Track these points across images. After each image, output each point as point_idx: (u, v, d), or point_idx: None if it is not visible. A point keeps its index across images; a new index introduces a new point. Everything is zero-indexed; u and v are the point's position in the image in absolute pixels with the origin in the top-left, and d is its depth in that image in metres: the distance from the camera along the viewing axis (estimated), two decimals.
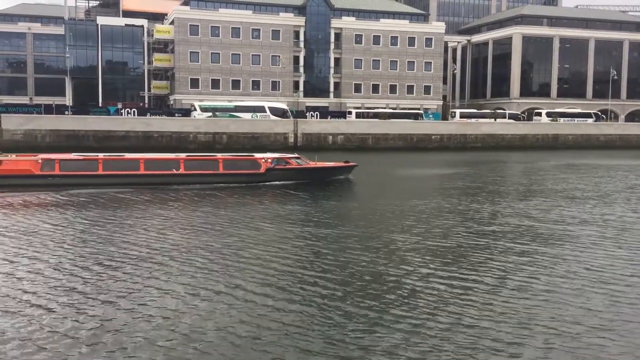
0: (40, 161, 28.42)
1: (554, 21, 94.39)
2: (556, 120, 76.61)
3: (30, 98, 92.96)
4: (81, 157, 29.87)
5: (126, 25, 79.76)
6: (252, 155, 32.37)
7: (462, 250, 15.61)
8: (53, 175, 28.00)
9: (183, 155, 31.80)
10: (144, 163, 29.41)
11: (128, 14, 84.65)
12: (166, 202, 24.21)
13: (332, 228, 18.65)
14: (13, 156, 29.55)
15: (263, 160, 30.84)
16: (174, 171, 29.49)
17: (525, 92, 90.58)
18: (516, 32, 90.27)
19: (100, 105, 72.41)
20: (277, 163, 30.88)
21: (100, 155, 30.73)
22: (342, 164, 32.92)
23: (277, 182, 30.16)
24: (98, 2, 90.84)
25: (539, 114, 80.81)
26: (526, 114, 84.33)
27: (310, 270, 13.32)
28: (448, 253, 15.25)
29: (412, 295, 11.52)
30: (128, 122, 58.00)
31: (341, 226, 19.03)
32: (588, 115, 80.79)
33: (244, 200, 25.30)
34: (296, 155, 32.49)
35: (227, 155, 32.87)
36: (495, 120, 73.98)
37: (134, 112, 63.14)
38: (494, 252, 15.28)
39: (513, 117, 78.06)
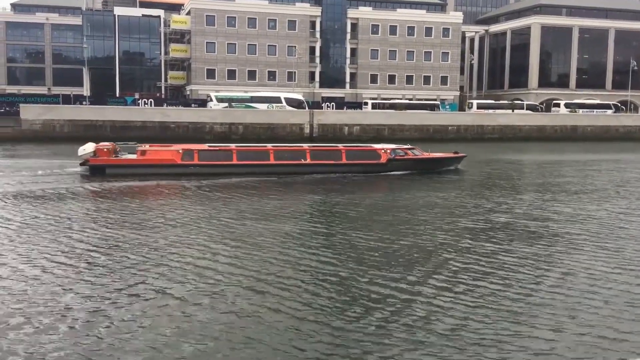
0: (180, 151, 29.73)
1: (573, 11, 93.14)
2: (575, 112, 75.76)
3: (49, 88, 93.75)
4: (217, 148, 31.59)
5: (143, 15, 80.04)
6: (371, 146, 33.88)
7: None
8: (193, 165, 29.39)
9: (306, 145, 33.47)
10: (274, 153, 30.62)
11: (145, 4, 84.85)
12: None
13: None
14: (146, 146, 30.79)
15: (382, 151, 31.91)
16: (302, 161, 30.53)
17: (544, 82, 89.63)
18: (535, 22, 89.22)
19: (117, 95, 72.85)
20: (397, 154, 31.99)
21: (232, 145, 32.41)
22: (452, 154, 34.20)
23: (396, 172, 31.23)
24: None
25: (558, 105, 79.95)
26: (544, 105, 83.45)
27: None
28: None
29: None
30: (145, 112, 58.26)
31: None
32: (607, 107, 79.79)
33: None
34: (411, 146, 33.68)
35: (348, 146, 34.21)
36: (512, 111, 73.30)
37: (150, 102, 63.46)
38: None
39: (531, 108, 77.28)
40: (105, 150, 29.06)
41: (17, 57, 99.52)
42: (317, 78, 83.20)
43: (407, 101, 76.96)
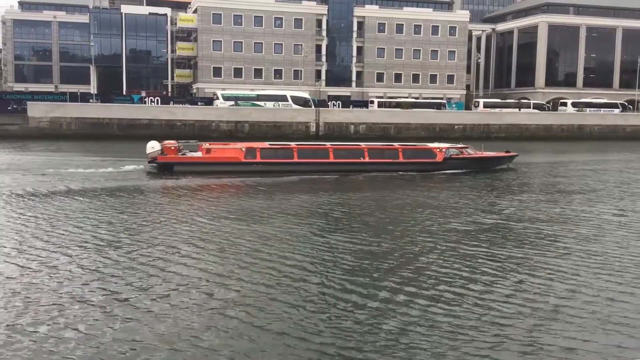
0: (243, 150, 30.46)
1: (581, 10, 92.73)
2: (582, 111, 75.45)
3: (56, 86, 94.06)
4: (278, 146, 32.27)
5: (150, 13, 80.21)
6: (426, 145, 34.52)
7: None
8: (255, 163, 30.07)
9: (363, 144, 33.88)
10: (333, 152, 31.21)
11: (152, 2, 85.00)
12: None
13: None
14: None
15: (438, 150, 32.52)
16: (360, 159, 31.08)
17: (551, 81, 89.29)
18: (542, 21, 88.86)
19: (124, 93, 73.02)
20: (452, 153, 32.57)
21: (292, 144, 33.03)
22: (504, 153, 34.67)
23: (451, 171, 31.70)
24: None
25: (565, 104, 79.62)
26: (551, 104, 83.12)
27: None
28: None
29: None
30: (151, 110, 58.42)
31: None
32: (614, 106, 79.42)
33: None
34: (465, 145, 34.37)
35: (404, 144, 34.79)
36: (519, 110, 73.09)
37: (157, 100, 63.55)
38: None
39: (538, 107, 77.00)
40: (172, 148, 29.93)
41: (25, 55, 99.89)
42: (323, 76, 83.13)
43: (413, 100, 76.82)
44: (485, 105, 75.58)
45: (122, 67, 79.02)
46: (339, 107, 68.94)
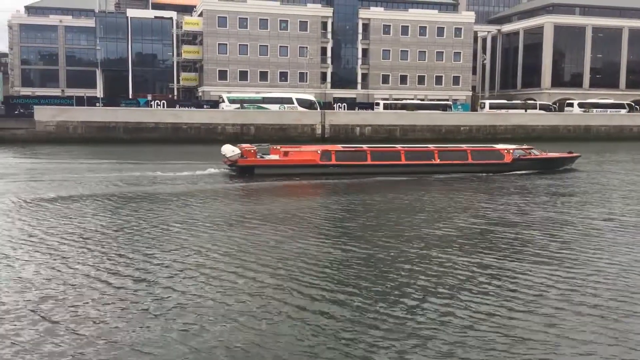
0: (319, 152, 31.03)
1: (587, 10, 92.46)
2: (588, 111, 75.18)
3: (62, 90, 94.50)
4: (352, 148, 32.73)
5: (155, 17, 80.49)
6: (493, 146, 35.09)
7: None
8: (331, 165, 30.55)
9: (432, 146, 34.33)
10: (405, 154, 31.47)
11: (157, 6, 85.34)
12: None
13: None
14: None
15: (505, 151, 32.90)
16: (431, 161, 31.36)
17: (557, 82, 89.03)
18: (548, 22, 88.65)
19: (130, 97, 73.23)
20: (521, 154, 32.94)
21: (365, 146, 33.37)
22: (567, 154, 35.05)
23: (519, 172, 32.03)
24: None
25: (571, 105, 79.33)
26: (557, 104, 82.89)
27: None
28: None
29: None
30: (157, 113, 58.57)
31: None
32: (621, 106, 79.08)
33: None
34: (530, 146, 34.66)
35: (473, 146, 35.30)
36: (525, 111, 72.89)
37: (163, 103, 63.72)
38: None
39: (544, 107, 76.77)
40: (252, 151, 30.50)
41: (31, 59, 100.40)
42: (328, 79, 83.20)
43: (418, 101, 76.74)
44: (492, 107, 75.39)
45: (128, 71, 79.29)
46: (344, 109, 68.92)
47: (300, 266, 12.67)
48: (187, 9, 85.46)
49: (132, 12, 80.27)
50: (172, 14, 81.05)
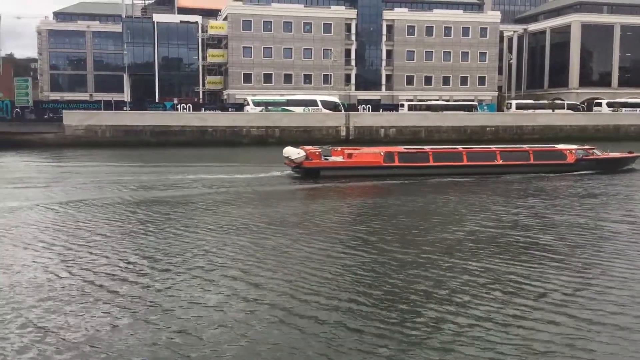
0: (382, 154, 31.07)
1: (615, 8, 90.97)
2: (617, 111, 73.93)
3: (90, 94, 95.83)
4: (414, 150, 32.63)
5: (181, 22, 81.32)
6: (554, 147, 34.99)
7: None
8: (394, 167, 30.62)
9: (493, 146, 34.43)
10: (467, 155, 31.56)
11: (183, 10, 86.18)
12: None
13: None
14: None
15: (568, 151, 32.86)
16: (494, 162, 31.39)
17: (585, 81, 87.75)
18: (575, 20, 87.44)
19: (157, 101, 74.02)
20: (583, 154, 32.85)
21: (427, 147, 33.41)
22: (629, 154, 34.82)
23: (582, 172, 31.90)
24: (154, 0, 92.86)
25: (599, 104, 78.08)
26: (586, 104, 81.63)
27: None
28: None
29: None
30: (183, 117, 59.15)
31: None
32: None
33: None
34: (592, 146, 34.50)
35: (533, 146, 35.03)
36: (553, 111, 71.93)
37: (189, 107, 64.28)
38: None
39: (572, 107, 75.68)
40: (317, 153, 30.73)
41: (60, 65, 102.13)
42: (352, 80, 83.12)
43: (444, 102, 76.23)
44: (518, 107, 74.53)
45: (154, 75, 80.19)
46: (368, 110, 68.79)
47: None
48: (212, 13, 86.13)
49: (158, 17, 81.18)
50: (198, 18, 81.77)
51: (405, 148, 32.96)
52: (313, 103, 65.07)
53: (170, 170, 33.44)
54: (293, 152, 30.14)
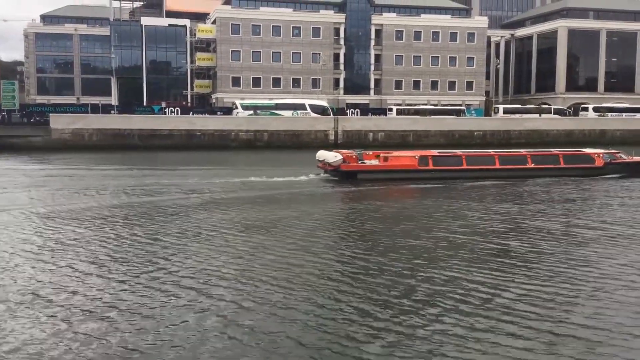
0: (417, 157, 31.45)
1: (601, 14, 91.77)
2: (604, 116, 74.61)
3: (78, 98, 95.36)
4: (448, 154, 33.24)
5: (169, 25, 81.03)
6: (582, 150, 35.46)
7: None
8: (428, 170, 30.99)
9: (524, 151, 34.98)
10: (499, 158, 32.13)
11: (171, 14, 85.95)
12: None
13: None
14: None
15: (596, 155, 33.45)
16: (525, 165, 32.09)
17: (571, 86, 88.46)
18: (562, 26, 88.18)
19: (144, 104, 73.69)
20: (611, 158, 33.50)
21: (459, 151, 33.95)
22: None
23: (610, 176, 32.40)
24: (142, 3, 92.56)
25: (586, 109, 78.76)
26: (572, 109, 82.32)
27: None
28: None
29: None
30: (172, 120, 58.92)
31: None
32: (637, 110, 78.32)
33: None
34: (617, 150, 35.17)
35: (562, 150, 35.53)
36: (540, 115, 72.48)
37: (177, 110, 64.06)
38: None
39: (559, 112, 76.29)
40: (353, 157, 31.22)
41: (47, 68, 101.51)
42: (341, 85, 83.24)
43: (432, 107, 76.55)
44: (505, 111, 75.03)
45: (142, 79, 79.84)
46: (357, 115, 68.92)
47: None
48: (201, 17, 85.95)
49: (146, 20, 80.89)
50: (186, 22, 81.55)
51: (439, 152, 33.62)
52: (302, 107, 65.13)
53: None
54: (330, 156, 30.65)
